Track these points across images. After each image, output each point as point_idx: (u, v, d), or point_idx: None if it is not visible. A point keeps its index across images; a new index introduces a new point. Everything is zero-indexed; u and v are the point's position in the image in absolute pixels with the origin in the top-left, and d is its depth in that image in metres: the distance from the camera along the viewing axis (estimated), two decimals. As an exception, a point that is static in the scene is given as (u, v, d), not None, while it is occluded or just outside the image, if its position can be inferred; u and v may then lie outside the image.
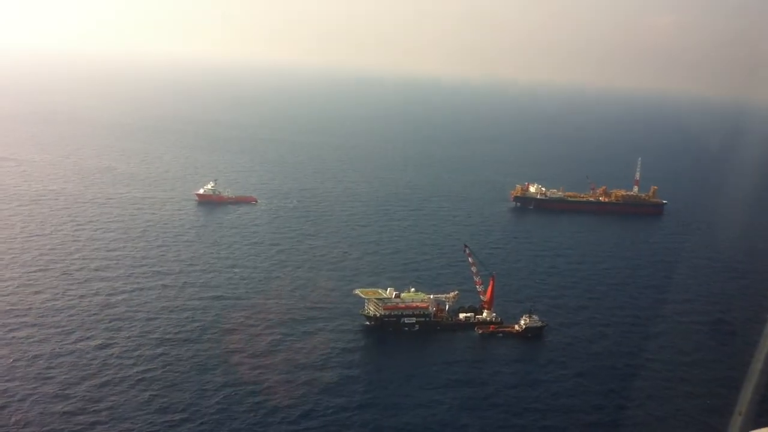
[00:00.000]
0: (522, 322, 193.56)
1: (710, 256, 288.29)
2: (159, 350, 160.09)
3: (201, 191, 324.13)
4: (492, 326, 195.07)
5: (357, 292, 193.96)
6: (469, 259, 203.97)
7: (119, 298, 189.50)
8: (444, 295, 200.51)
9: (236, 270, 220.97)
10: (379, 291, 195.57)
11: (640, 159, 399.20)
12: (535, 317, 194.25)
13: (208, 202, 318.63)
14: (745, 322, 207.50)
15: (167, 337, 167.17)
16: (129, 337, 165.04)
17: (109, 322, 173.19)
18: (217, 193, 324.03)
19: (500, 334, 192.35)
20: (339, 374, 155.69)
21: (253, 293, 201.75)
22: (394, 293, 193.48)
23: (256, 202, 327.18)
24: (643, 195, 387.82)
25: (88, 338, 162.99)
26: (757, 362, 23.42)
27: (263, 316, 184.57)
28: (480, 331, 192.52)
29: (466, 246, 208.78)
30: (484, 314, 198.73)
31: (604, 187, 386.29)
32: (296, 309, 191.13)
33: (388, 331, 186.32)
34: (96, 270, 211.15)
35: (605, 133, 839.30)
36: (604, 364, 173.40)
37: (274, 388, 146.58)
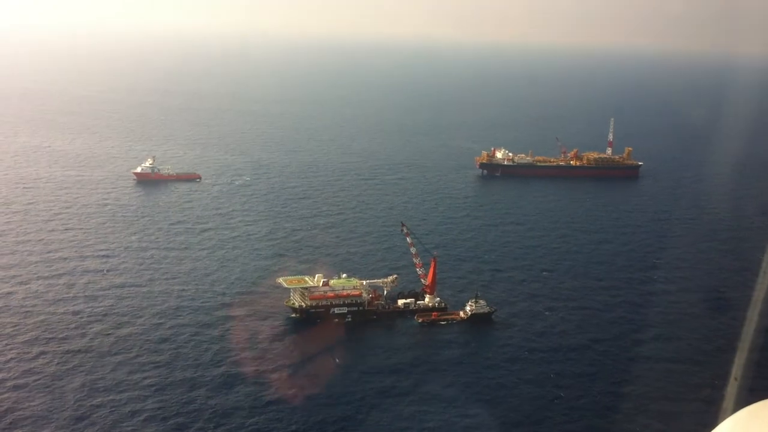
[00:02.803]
0: (467, 308, 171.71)
1: (688, 221, 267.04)
2: (35, 350, 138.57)
3: (139, 169, 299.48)
4: (434, 313, 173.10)
5: (280, 280, 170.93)
6: (407, 239, 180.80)
7: (3, 290, 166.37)
8: (381, 280, 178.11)
9: (150, 253, 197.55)
10: (305, 278, 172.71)
11: (612, 119, 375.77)
12: (482, 302, 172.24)
13: (147, 180, 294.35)
14: (732, 292, 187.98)
15: (46, 336, 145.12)
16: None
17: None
18: (156, 170, 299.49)
19: (443, 322, 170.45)
20: (228, 374, 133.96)
21: (162, 280, 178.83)
22: (322, 280, 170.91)
23: (200, 179, 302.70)
24: (617, 157, 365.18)
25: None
26: (749, 328, 25.21)
27: (165, 306, 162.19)
28: (420, 320, 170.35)
29: (403, 224, 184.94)
30: (426, 300, 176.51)
31: (575, 150, 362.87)
32: (207, 298, 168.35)
33: (315, 323, 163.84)
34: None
35: (577, 93, 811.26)
36: (556, 354, 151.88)
37: (157, 393, 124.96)
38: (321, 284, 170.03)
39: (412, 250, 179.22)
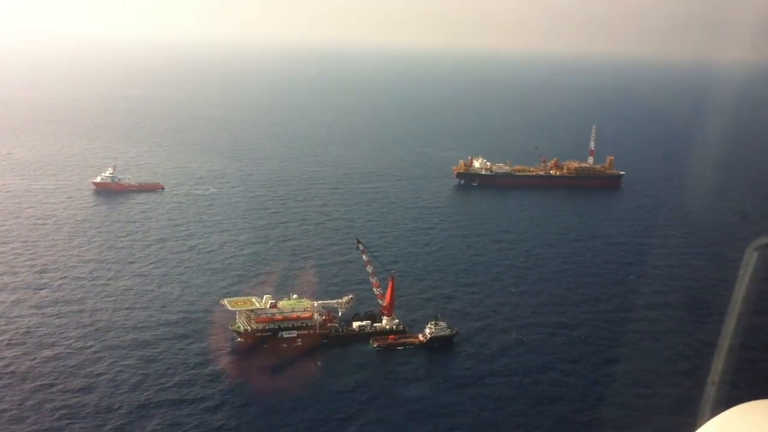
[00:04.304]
0: (427, 331, 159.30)
1: (667, 234, 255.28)
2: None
3: (98, 179, 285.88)
4: (391, 337, 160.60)
5: (224, 301, 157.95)
6: (363, 257, 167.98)
7: None
8: (335, 301, 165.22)
9: (89, 267, 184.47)
10: (252, 299, 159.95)
11: (594, 127, 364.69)
12: (442, 324, 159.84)
13: (107, 190, 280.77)
14: (705, 307, 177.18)
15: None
16: None
17: None
18: (116, 180, 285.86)
19: (400, 347, 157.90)
20: (148, 404, 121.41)
21: (96, 297, 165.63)
22: (270, 302, 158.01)
23: (163, 189, 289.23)
24: (599, 166, 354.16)
25: None
26: (726, 332, 23.90)
27: (94, 328, 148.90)
28: (376, 344, 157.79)
29: (358, 241, 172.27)
30: (384, 322, 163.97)
31: (555, 159, 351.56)
32: (141, 318, 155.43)
33: (261, 348, 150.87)
34: None
35: (557, 100, 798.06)
36: (515, 377, 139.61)
37: (68, 427, 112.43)
38: (269, 306, 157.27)
39: (368, 268, 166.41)
